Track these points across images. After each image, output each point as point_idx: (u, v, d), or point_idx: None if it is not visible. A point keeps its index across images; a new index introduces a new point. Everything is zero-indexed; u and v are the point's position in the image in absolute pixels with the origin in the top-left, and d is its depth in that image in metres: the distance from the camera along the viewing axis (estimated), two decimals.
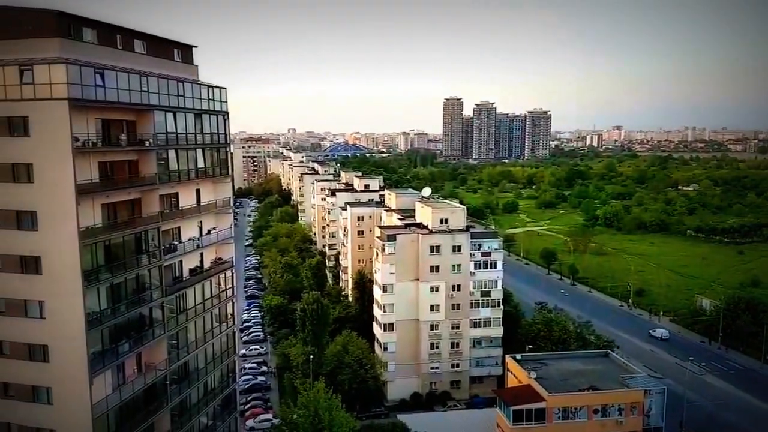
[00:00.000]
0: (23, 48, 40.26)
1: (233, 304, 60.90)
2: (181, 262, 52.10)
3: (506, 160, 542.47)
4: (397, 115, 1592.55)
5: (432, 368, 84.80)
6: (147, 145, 46.21)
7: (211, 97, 54.38)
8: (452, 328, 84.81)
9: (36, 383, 42.34)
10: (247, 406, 77.79)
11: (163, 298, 48.55)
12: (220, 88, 56.15)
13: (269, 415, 74.97)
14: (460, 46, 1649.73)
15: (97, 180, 42.44)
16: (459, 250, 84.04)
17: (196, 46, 55.33)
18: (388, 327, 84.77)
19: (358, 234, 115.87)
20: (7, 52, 40.37)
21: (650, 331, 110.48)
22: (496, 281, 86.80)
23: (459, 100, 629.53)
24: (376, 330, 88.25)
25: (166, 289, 48.88)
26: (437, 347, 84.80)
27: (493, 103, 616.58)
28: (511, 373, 67.56)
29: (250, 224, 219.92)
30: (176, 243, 51.02)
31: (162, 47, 50.97)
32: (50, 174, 39.68)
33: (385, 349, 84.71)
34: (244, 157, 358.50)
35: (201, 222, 55.67)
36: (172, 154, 49.34)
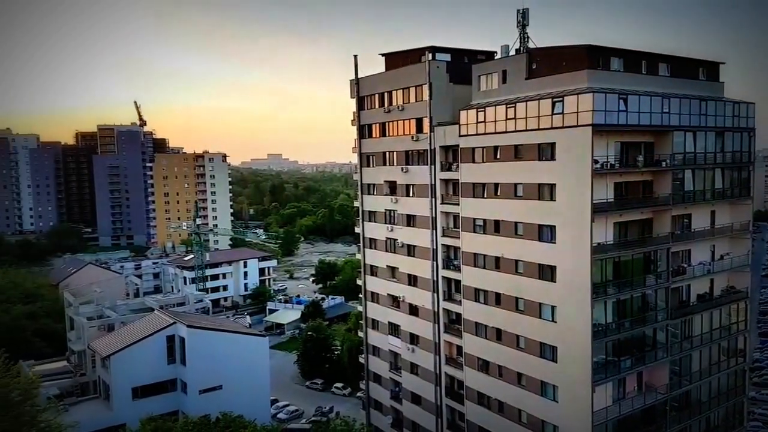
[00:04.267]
0: (556, 82, 45.31)
1: (745, 339, 54.65)
2: (688, 286, 49.89)
3: None
4: None
5: None
6: (663, 165, 46.00)
7: (735, 114, 50.40)
8: None
9: (544, 379, 46.47)
10: None
11: (668, 321, 47.33)
12: (747, 103, 51.41)
13: None
14: None
15: (612, 199, 44.38)
16: None
17: (723, 63, 52.32)
18: None
19: None
20: (544, 86, 46.18)
21: None
22: None
23: None
24: None
25: (671, 312, 47.48)
26: None
27: None
28: None
29: None
30: (685, 266, 49.06)
31: (686, 67, 50.03)
32: (570, 193, 43.47)
33: None
34: (767, 176, 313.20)
35: (713, 246, 52.04)
36: (688, 174, 47.80)
